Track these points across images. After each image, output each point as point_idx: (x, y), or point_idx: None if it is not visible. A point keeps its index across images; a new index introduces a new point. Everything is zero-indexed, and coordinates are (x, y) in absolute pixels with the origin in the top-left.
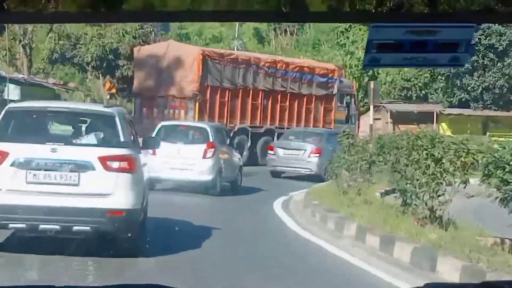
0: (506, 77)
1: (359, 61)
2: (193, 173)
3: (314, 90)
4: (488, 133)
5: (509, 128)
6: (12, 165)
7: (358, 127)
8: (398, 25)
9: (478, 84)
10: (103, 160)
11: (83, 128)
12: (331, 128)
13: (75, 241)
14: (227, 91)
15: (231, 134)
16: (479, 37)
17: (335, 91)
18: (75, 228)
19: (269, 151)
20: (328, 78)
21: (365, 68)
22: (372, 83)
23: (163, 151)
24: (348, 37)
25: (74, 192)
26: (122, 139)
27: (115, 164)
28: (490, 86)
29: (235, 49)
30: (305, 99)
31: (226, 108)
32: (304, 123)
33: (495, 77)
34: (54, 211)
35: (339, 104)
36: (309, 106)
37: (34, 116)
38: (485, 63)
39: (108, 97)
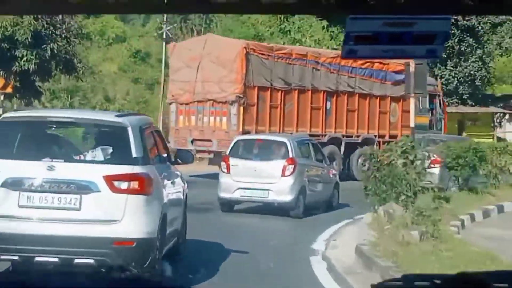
0: (487, 66)
1: None
2: (271, 193)
3: (389, 90)
4: (464, 133)
5: (487, 126)
6: (2, 185)
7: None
8: (375, 17)
9: (453, 75)
10: (110, 179)
11: (89, 142)
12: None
13: (81, 275)
14: (279, 93)
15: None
16: (456, 17)
17: None
18: (77, 261)
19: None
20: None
21: (343, 59)
22: None
23: (237, 169)
24: (293, 23)
25: (75, 218)
26: (134, 154)
27: (124, 185)
28: (468, 77)
29: (164, 35)
30: (377, 101)
31: (279, 113)
32: (378, 130)
33: (474, 67)
34: (51, 241)
35: (420, 107)
36: (383, 110)
37: (31, 128)
38: (462, 49)
39: (1, 98)
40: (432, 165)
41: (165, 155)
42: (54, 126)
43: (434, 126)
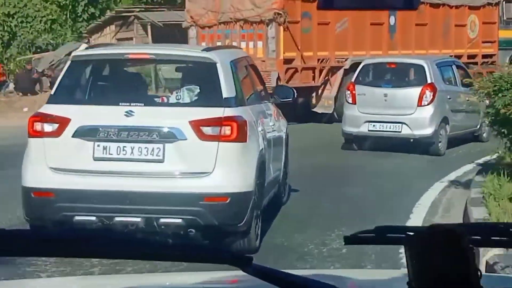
0: None
1: None
2: (405, 126)
3: None
4: None
5: None
6: (74, 135)
7: None
8: None
9: None
10: (197, 125)
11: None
12: (492, 54)
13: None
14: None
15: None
16: None
17: None
18: (162, 220)
19: None
20: None
21: (319, 9)
22: None
23: (365, 98)
24: None
25: (158, 171)
26: (225, 95)
27: (214, 131)
28: None
29: None
30: (453, 14)
31: (329, 33)
32: (454, 48)
33: None
34: (132, 198)
35: (505, 18)
36: (461, 24)
37: (106, 67)
38: None
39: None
40: None
41: (262, 92)
42: (132, 64)
43: None
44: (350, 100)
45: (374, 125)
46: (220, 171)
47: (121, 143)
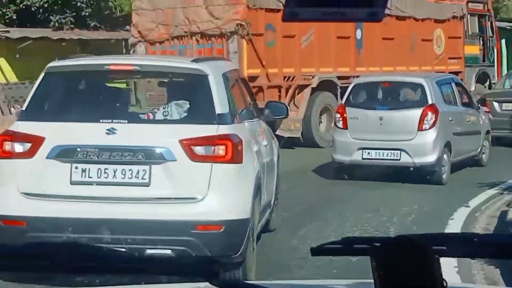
0: None
1: None
2: (404, 154)
3: (435, 12)
4: None
5: None
6: (49, 156)
7: (499, 67)
8: None
9: None
10: (188, 144)
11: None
12: (458, 71)
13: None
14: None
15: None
16: None
17: (463, 11)
18: (149, 252)
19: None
20: None
21: (284, 21)
22: None
23: (358, 122)
24: None
25: (143, 196)
26: (218, 110)
27: (207, 151)
28: None
29: None
30: (419, 27)
31: (296, 48)
32: (421, 65)
33: None
34: (115, 227)
35: (470, 33)
36: (427, 38)
37: (86, 80)
38: None
39: None
40: None
41: (253, 108)
42: (114, 76)
43: (486, 57)
44: (340, 124)
45: (369, 153)
46: (214, 196)
47: (102, 165)
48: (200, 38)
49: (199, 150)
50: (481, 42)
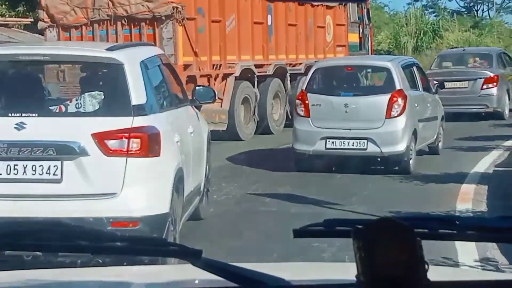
0: None
1: None
2: (370, 142)
3: None
4: None
5: None
6: None
7: (371, 53)
8: None
9: None
10: (101, 138)
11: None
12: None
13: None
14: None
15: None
16: None
17: None
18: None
19: None
20: None
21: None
22: None
23: (321, 110)
24: None
25: (55, 192)
26: (134, 101)
27: (122, 144)
28: None
29: None
30: (314, 13)
31: (221, 34)
32: (317, 53)
33: None
34: (25, 225)
35: (351, 20)
36: (321, 25)
37: None
38: None
39: None
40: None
41: (179, 95)
42: (23, 66)
43: (362, 45)
44: (302, 112)
45: (333, 142)
46: (129, 191)
47: (10, 162)
48: (126, 23)
49: (112, 144)
50: (360, 30)
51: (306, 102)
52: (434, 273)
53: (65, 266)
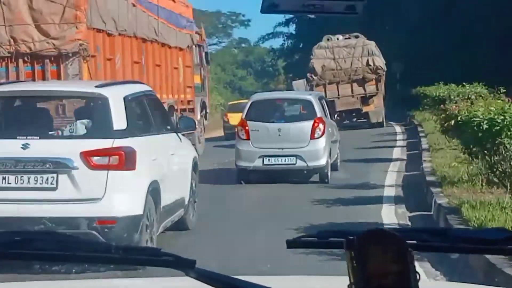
0: None
1: None
2: (298, 159)
3: (179, 40)
4: None
5: None
6: None
7: (209, 96)
8: None
9: None
10: (87, 155)
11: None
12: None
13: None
14: (110, 39)
15: None
16: None
17: (194, 41)
18: None
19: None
20: (186, 20)
21: (263, 13)
22: None
23: (259, 134)
24: None
25: (51, 198)
26: (115, 127)
27: (103, 160)
28: None
29: None
30: (172, 55)
31: (113, 72)
32: (175, 93)
33: None
34: (28, 223)
35: (196, 62)
36: (176, 66)
37: (3, 103)
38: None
39: None
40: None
41: (162, 123)
42: (26, 101)
43: (203, 87)
44: (243, 136)
45: (269, 159)
46: (110, 197)
47: (18, 174)
48: (29, 60)
49: (97, 160)
50: (201, 72)
51: (246, 128)
52: (425, 284)
53: (60, 275)
